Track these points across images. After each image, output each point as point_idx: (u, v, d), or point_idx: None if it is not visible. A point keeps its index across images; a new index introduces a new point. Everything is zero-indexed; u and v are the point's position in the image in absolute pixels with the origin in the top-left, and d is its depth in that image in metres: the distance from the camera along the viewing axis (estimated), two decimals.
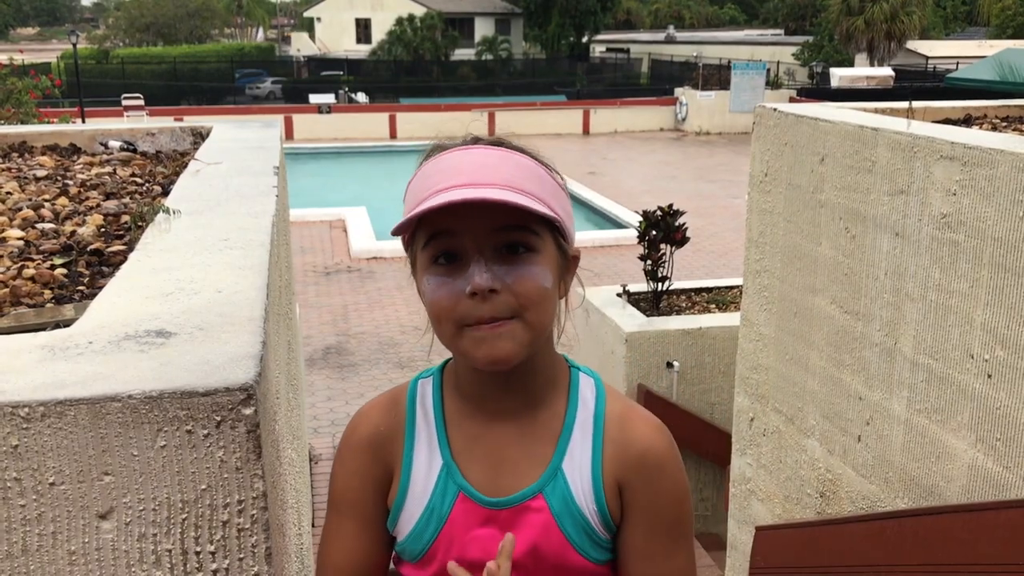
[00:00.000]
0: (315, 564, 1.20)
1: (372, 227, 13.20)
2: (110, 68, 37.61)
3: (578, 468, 1.13)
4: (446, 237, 1.06)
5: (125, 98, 22.23)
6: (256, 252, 1.44)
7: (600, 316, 5.78)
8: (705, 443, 5.42)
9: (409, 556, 1.15)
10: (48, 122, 6.94)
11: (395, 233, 1.11)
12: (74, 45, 25.86)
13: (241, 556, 0.96)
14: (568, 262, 1.14)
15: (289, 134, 24.77)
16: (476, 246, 1.05)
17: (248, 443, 0.94)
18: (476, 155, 1.09)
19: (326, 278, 10.98)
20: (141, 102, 22.03)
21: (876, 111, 3.51)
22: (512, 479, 1.12)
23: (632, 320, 5.59)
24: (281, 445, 1.27)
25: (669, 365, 5.43)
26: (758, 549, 3.33)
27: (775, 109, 3.54)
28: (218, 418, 0.92)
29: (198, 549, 0.95)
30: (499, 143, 1.12)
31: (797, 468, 3.48)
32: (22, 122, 6.75)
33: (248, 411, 0.93)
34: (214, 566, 0.96)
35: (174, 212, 1.74)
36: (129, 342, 1.05)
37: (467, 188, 1.04)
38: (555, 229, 1.10)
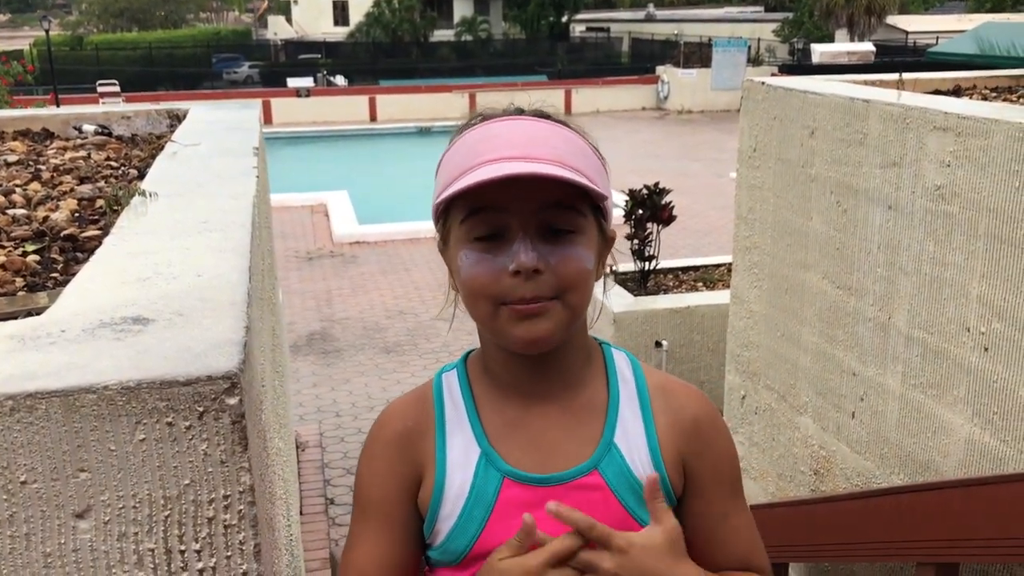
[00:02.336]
0: (340, 569, 1.14)
1: (354, 211, 13.08)
2: (84, 55, 37.12)
3: (633, 441, 1.10)
4: (490, 212, 1.01)
5: (100, 84, 21.94)
6: (237, 234, 1.38)
7: None
8: None
9: (451, 556, 1.09)
10: (21, 108, 6.80)
11: (439, 205, 1.06)
12: (47, 31, 25.52)
13: (228, 554, 0.91)
14: (606, 243, 1.11)
15: (268, 119, 24.53)
16: (522, 223, 1.01)
17: (233, 435, 0.88)
18: (525, 126, 1.04)
19: (308, 263, 10.88)
20: (117, 88, 21.75)
21: (866, 83, 3.46)
22: (561, 459, 1.08)
23: (620, 300, 5.55)
24: (268, 435, 1.22)
25: (658, 344, 5.40)
26: None
27: (764, 83, 3.49)
28: (200, 409, 0.87)
29: (183, 548, 0.90)
30: (545, 115, 1.08)
31: (790, 446, 3.46)
32: None
33: (232, 401, 0.87)
34: (200, 565, 0.91)
35: (151, 195, 1.67)
36: (104, 330, 0.99)
37: (520, 162, 0.99)
38: (598, 210, 1.07)
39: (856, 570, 3.08)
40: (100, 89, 21.59)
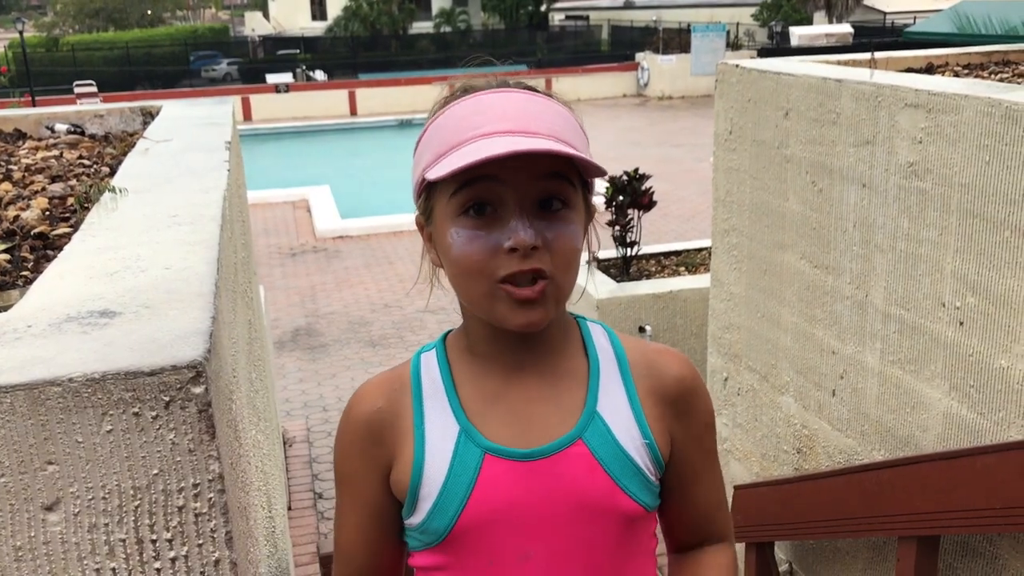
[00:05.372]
0: (334, 543, 1.20)
1: (336, 206, 13.04)
2: (61, 55, 36.73)
3: (616, 408, 1.10)
4: (484, 183, 0.99)
5: (77, 85, 21.70)
6: (207, 227, 1.38)
7: None
8: None
9: (432, 536, 1.08)
10: None
11: (435, 179, 1.00)
12: (20, 33, 25.29)
13: (200, 542, 0.91)
14: (589, 217, 1.12)
15: (247, 115, 24.40)
16: (516, 196, 0.99)
17: (200, 423, 0.88)
18: (516, 99, 1.03)
19: (292, 259, 10.85)
20: (94, 89, 21.50)
21: (839, 63, 3.48)
22: (544, 431, 1.07)
23: (602, 286, 5.56)
24: (242, 426, 1.22)
25: (641, 330, 5.41)
26: (737, 508, 3.33)
27: (737, 65, 3.50)
28: (166, 398, 0.87)
29: (154, 537, 0.90)
30: (530, 88, 1.07)
31: (773, 426, 3.48)
32: None
33: (198, 390, 0.87)
34: (172, 554, 0.91)
35: (121, 191, 1.67)
36: (71, 324, 0.99)
37: (518, 136, 0.97)
38: (584, 184, 1.07)
39: (841, 546, 3.11)
40: (77, 90, 21.33)
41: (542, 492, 1.05)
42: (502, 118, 0.99)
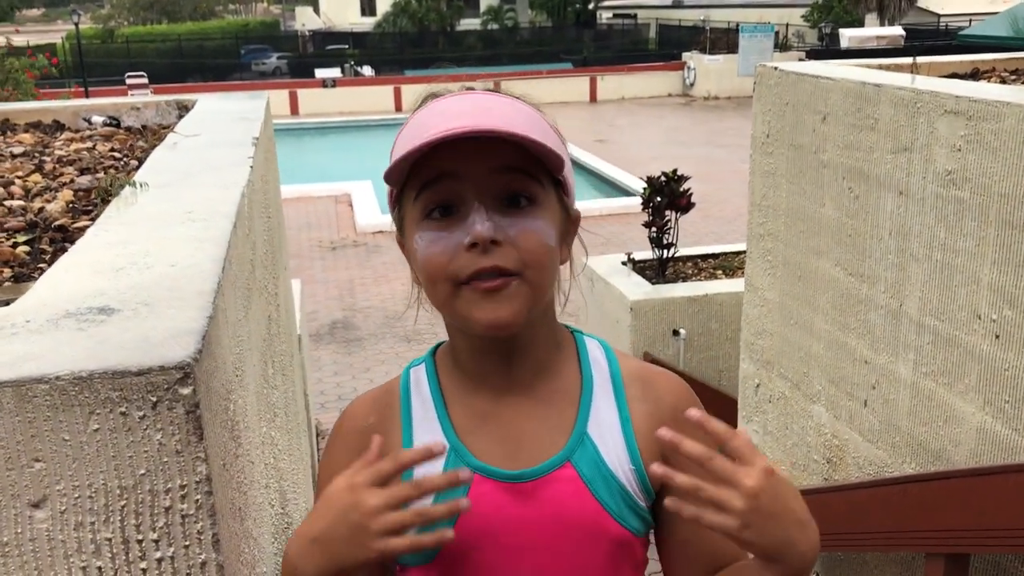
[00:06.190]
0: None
1: (378, 201, 13.10)
2: (115, 47, 37.37)
3: (607, 431, 1.05)
4: (444, 181, 0.96)
5: (129, 76, 22.09)
6: (219, 224, 1.37)
7: (605, 285, 5.71)
8: (712, 410, 5.33)
9: (420, 556, 1.05)
10: (46, 101, 6.85)
11: (387, 178, 1.00)
12: (76, 24, 25.78)
13: (187, 543, 0.91)
14: (570, 222, 1.06)
15: (295, 109, 24.66)
16: (476, 192, 0.96)
17: (187, 424, 0.88)
18: (476, 98, 1.00)
19: (332, 253, 10.92)
20: (145, 80, 21.88)
21: (879, 67, 3.41)
22: (533, 452, 1.03)
23: (637, 288, 5.52)
24: (244, 424, 1.22)
25: (675, 333, 5.36)
26: None
27: (776, 68, 3.44)
28: (153, 399, 0.86)
29: (140, 537, 0.90)
30: (497, 92, 1.04)
31: (804, 434, 3.42)
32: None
33: (185, 391, 0.86)
34: (158, 554, 0.91)
35: (141, 185, 1.67)
36: (69, 320, 0.99)
37: (471, 126, 0.94)
38: (557, 184, 1.02)
39: (868, 559, 3.05)
40: (128, 81, 21.73)
41: (530, 515, 1.02)
42: (459, 115, 0.96)
